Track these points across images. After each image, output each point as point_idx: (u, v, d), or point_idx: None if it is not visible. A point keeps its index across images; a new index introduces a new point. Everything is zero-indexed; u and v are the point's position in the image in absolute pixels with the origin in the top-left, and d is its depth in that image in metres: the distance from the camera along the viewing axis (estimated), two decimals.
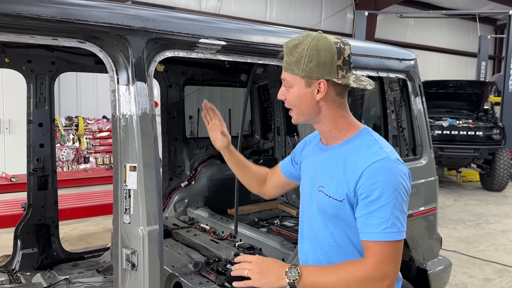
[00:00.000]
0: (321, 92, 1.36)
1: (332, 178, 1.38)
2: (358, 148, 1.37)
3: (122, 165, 1.76)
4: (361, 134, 1.42)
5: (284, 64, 1.39)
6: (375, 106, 6.96)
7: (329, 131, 1.44)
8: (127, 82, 1.75)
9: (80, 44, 1.70)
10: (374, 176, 1.28)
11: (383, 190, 1.26)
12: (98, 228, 6.09)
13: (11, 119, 8.31)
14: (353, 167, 1.33)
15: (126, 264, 1.75)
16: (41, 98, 3.11)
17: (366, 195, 1.28)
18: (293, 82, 1.38)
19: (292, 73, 1.37)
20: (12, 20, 1.51)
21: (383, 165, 1.29)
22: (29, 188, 3.17)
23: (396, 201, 1.27)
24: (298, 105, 1.40)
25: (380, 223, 1.26)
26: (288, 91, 1.41)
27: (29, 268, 3.02)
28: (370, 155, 1.32)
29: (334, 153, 1.42)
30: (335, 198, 1.36)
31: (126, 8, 1.81)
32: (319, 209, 1.43)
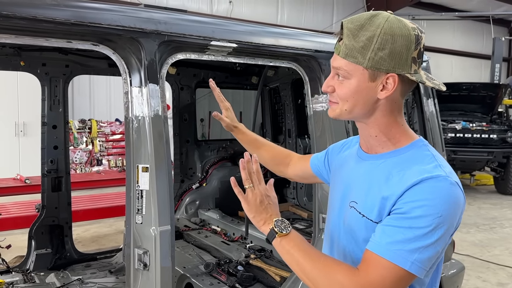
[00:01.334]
0: (387, 89, 1.10)
1: (368, 193, 1.13)
2: (409, 162, 1.11)
3: (135, 166, 1.77)
4: (415, 146, 1.15)
5: (343, 48, 1.10)
6: None
7: (376, 136, 1.17)
8: (140, 84, 1.77)
9: (94, 47, 1.73)
10: (421, 194, 1.01)
11: (426, 212, 1.00)
12: (111, 230, 6.15)
13: (26, 122, 8.45)
14: (398, 181, 1.07)
15: (138, 264, 1.77)
16: (55, 100, 3.16)
17: (403, 211, 1.02)
18: (352, 72, 1.10)
19: (354, 61, 1.08)
20: (28, 24, 1.54)
21: (437, 184, 1.02)
22: (43, 189, 3.22)
23: (433, 230, 1.00)
24: (352, 101, 1.12)
25: (399, 242, 1.00)
26: (340, 82, 1.13)
27: (43, 268, 3.07)
28: (423, 171, 1.06)
29: (377, 164, 1.17)
30: (370, 218, 1.10)
31: (139, 11, 1.84)
32: (347, 228, 1.19)
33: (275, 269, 2.53)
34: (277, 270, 2.51)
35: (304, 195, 3.96)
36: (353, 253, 1.16)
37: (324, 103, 2.25)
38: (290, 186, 4.12)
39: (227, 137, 10.28)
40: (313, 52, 2.23)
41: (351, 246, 1.17)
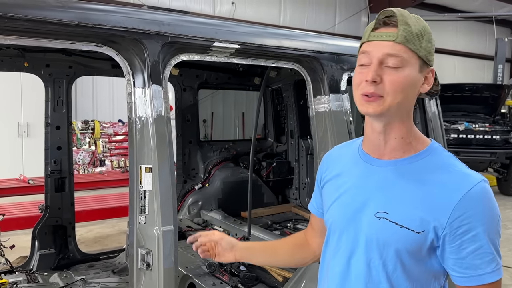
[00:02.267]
0: (428, 83, 1.10)
1: (403, 202, 1.07)
2: (438, 165, 1.09)
3: (138, 166, 1.79)
4: (433, 148, 1.13)
5: (402, 33, 1.04)
6: None
7: (401, 138, 1.11)
8: (143, 85, 1.79)
9: (98, 48, 1.74)
10: (476, 204, 1.02)
11: (489, 220, 1.02)
12: (113, 230, 6.17)
13: (29, 123, 8.48)
14: (442, 191, 1.04)
15: (141, 264, 1.78)
16: (58, 101, 3.18)
17: (467, 228, 1.01)
18: (409, 60, 1.05)
19: (412, 48, 1.04)
20: (32, 25, 1.55)
21: (484, 191, 1.05)
22: (46, 190, 3.24)
23: (498, 231, 1.05)
24: (405, 93, 1.05)
25: (491, 260, 1.02)
26: (391, 72, 1.05)
27: (46, 268, 3.08)
28: (462, 177, 1.06)
29: (403, 169, 1.10)
30: (411, 228, 1.04)
31: (142, 12, 1.85)
32: (375, 242, 1.09)
33: (277, 269, 2.53)
34: (279, 270, 2.51)
35: (307, 196, 3.97)
36: (382, 266, 1.09)
37: (326, 104, 2.26)
38: (293, 187, 4.13)
39: (229, 138, 10.25)
40: (315, 53, 2.24)
41: (379, 260, 1.09)
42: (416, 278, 1.08)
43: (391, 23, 1.06)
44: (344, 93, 2.31)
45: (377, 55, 1.05)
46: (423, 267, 1.08)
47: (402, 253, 1.06)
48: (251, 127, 10.51)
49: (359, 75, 1.09)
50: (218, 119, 9.86)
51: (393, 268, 1.08)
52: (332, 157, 1.32)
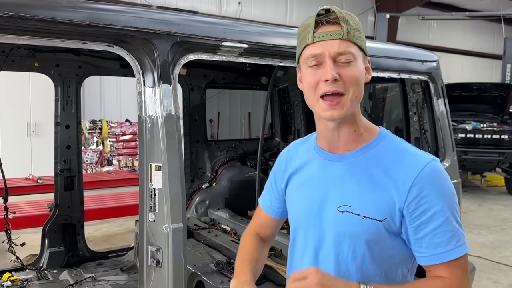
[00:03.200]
0: (369, 72, 1.14)
1: (363, 193, 1.09)
2: (390, 151, 1.12)
3: (148, 165, 1.81)
4: (383, 135, 1.17)
5: (346, 30, 1.07)
6: (397, 108, 6.91)
7: (354, 131, 1.14)
8: (153, 85, 1.81)
9: (108, 48, 1.76)
10: (429, 184, 1.04)
11: (444, 198, 1.04)
12: (121, 229, 6.21)
13: (38, 122, 8.56)
14: (396, 176, 1.07)
15: (151, 261, 1.80)
16: (68, 101, 3.21)
17: (424, 209, 1.04)
18: (357, 54, 1.08)
19: (357, 42, 1.08)
20: (45, 25, 1.58)
21: (435, 169, 1.07)
22: (56, 188, 3.27)
23: (456, 206, 1.07)
24: (360, 86, 1.09)
25: (451, 237, 1.04)
26: (345, 68, 1.07)
27: (56, 266, 3.11)
28: (413, 159, 1.08)
29: (358, 160, 1.13)
30: (374, 218, 1.07)
31: (152, 12, 1.87)
32: (343, 236, 1.12)
33: (285, 267, 2.54)
34: (286, 269, 2.52)
35: None
36: (351, 258, 1.12)
37: None
38: None
39: (236, 137, 10.27)
40: None
41: (348, 250, 1.11)
42: (384, 265, 1.11)
43: (332, 21, 1.08)
44: None
45: (329, 54, 1.06)
46: (390, 253, 1.11)
47: (369, 243, 1.09)
48: (257, 126, 10.53)
49: (313, 77, 1.09)
50: (224, 118, 9.90)
51: (362, 258, 1.11)
52: (289, 155, 1.32)
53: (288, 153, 1.34)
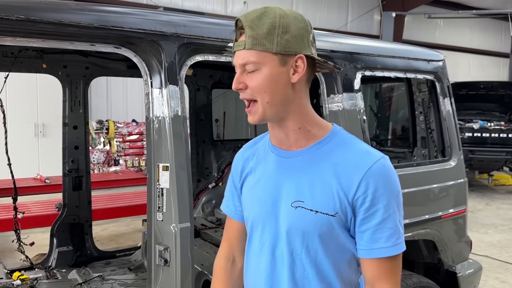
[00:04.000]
0: (298, 72, 1.11)
1: (314, 189, 1.12)
2: (342, 148, 1.14)
3: (155, 165, 1.83)
4: (335, 131, 1.18)
5: (248, 40, 1.08)
6: (403, 108, 6.89)
7: (299, 129, 1.15)
8: (160, 86, 1.83)
9: (116, 50, 1.78)
10: (377, 181, 1.08)
11: (389, 195, 1.08)
12: (128, 229, 6.25)
13: (45, 123, 8.62)
14: (346, 171, 1.10)
15: (159, 260, 1.82)
16: (76, 101, 3.24)
17: (370, 204, 1.08)
18: (263, 61, 1.08)
19: (263, 49, 1.08)
20: (54, 28, 1.60)
21: (384, 167, 1.10)
22: (64, 188, 3.31)
23: (400, 205, 1.12)
24: (270, 91, 1.10)
25: (391, 235, 1.08)
26: (251, 76, 1.10)
27: (64, 265, 3.15)
28: (363, 156, 1.11)
29: (311, 157, 1.15)
30: (325, 212, 1.10)
31: (159, 14, 1.89)
32: (296, 230, 1.13)
33: None
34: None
35: None
36: (305, 253, 1.13)
37: (340, 103, 2.28)
38: None
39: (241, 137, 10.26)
40: (328, 52, 2.26)
41: (302, 248, 1.13)
42: (337, 259, 1.14)
43: (242, 31, 1.11)
44: (358, 92, 2.32)
45: (237, 64, 1.12)
46: (343, 247, 1.14)
47: (322, 237, 1.11)
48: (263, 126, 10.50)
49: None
50: (230, 118, 9.92)
51: (315, 253, 1.13)
52: (246, 155, 1.31)
53: (243, 154, 1.33)
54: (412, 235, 2.56)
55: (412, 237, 2.57)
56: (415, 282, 2.54)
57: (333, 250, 1.13)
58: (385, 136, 7.19)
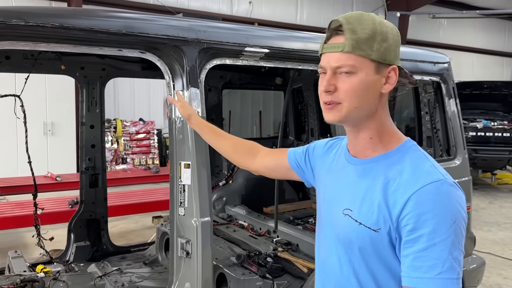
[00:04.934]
0: (390, 82, 1.10)
1: (364, 200, 1.10)
2: (403, 164, 1.09)
3: (178, 163, 1.94)
4: (405, 147, 1.13)
5: (348, 42, 1.06)
6: (407, 108, 6.98)
7: (370, 138, 1.14)
8: (182, 88, 1.94)
9: (141, 54, 1.89)
10: (426, 203, 0.99)
11: (439, 222, 0.97)
12: (137, 226, 6.37)
13: (54, 122, 8.75)
14: (397, 188, 1.05)
15: (181, 252, 1.93)
16: (92, 102, 3.35)
17: (413, 227, 0.99)
18: (360, 65, 1.07)
19: (362, 54, 1.06)
20: (85, 34, 1.71)
21: (440, 190, 1.00)
22: (81, 185, 3.42)
23: (455, 237, 0.98)
24: (360, 97, 1.08)
25: (434, 266, 0.96)
26: (344, 79, 1.08)
27: (82, 259, 3.26)
28: (421, 175, 1.04)
29: (369, 168, 1.13)
30: (368, 226, 1.07)
31: (182, 21, 2.00)
32: (341, 238, 1.14)
33: (302, 261, 2.66)
34: (304, 262, 2.64)
35: None
36: (346, 260, 1.14)
37: None
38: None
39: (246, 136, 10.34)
40: None
41: (346, 254, 1.14)
42: (380, 275, 1.09)
43: (339, 32, 1.09)
44: None
45: (330, 66, 1.10)
46: (387, 265, 1.08)
47: (362, 251, 1.09)
48: (268, 125, 10.59)
49: (320, 85, 1.14)
50: (235, 117, 10.03)
51: (358, 265, 1.11)
52: (332, 145, 1.35)
53: (331, 143, 1.37)
54: None
55: None
56: None
57: (376, 266, 1.09)
58: None
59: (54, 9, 1.70)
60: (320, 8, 13.37)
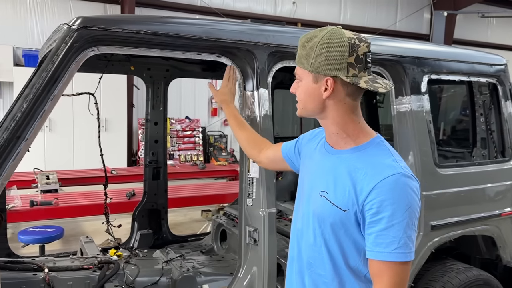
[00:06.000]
0: (327, 90, 1.31)
1: (337, 185, 1.33)
2: (369, 157, 1.30)
3: (247, 157, 2.11)
4: (373, 142, 1.34)
5: (296, 57, 1.38)
6: (454, 109, 6.89)
7: (337, 133, 1.37)
8: (252, 89, 2.10)
9: (217, 58, 2.07)
10: (387, 192, 1.22)
11: (396, 207, 1.21)
12: (185, 219, 6.66)
13: (107, 118, 9.21)
14: (364, 178, 1.26)
15: (249, 239, 2.10)
16: (157, 100, 3.60)
17: (376, 211, 1.22)
18: (302, 76, 1.36)
19: (302, 67, 1.34)
20: (171, 40, 1.91)
21: (398, 181, 1.23)
22: (145, 177, 3.68)
23: (410, 219, 1.22)
24: (304, 100, 1.38)
25: (391, 242, 1.21)
26: (298, 85, 1.39)
27: (145, 246, 3.51)
28: (383, 168, 1.25)
29: (342, 158, 1.36)
30: (339, 207, 1.30)
31: (252, 25, 2.17)
32: (316, 215, 1.38)
33: None
34: None
35: None
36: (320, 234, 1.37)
37: (408, 104, 2.47)
38: None
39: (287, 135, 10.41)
40: (398, 57, 2.45)
41: (319, 228, 1.37)
42: (345, 246, 1.33)
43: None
44: (425, 94, 2.50)
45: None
46: (350, 238, 1.32)
47: (333, 226, 1.33)
48: (309, 124, 10.68)
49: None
50: (277, 116, 10.13)
51: (329, 237, 1.34)
52: (314, 136, 1.60)
53: (316, 133, 1.62)
54: (473, 230, 2.71)
55: (472, 232, 2.72)
56: (475, 275, 2.69)
57: (343, 239, 1.32)
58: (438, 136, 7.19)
59: (146, 18, 1.91)
60: (364, 8, 13.28)
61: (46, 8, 9.84)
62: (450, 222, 2.60)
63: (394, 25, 13.47)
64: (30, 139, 1.70)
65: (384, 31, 12.50)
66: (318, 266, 1.39)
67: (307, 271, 1.43)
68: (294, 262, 1.50)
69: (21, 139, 1.67)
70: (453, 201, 2.64)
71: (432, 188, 2.50)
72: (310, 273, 1.42)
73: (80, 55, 1.75)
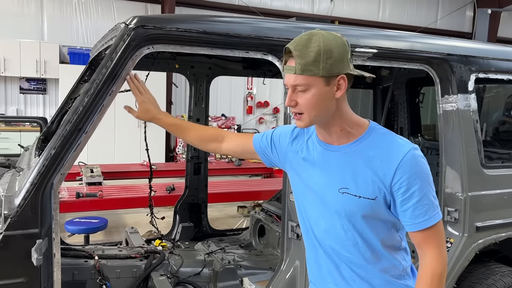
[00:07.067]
0: (341, 89, 1.33)
1: (357, 178, 1.37)
2: (377, 143, 1.37)
3: None
4: (372, 128, 1.41)
5: (298, 67, 1.30)
6: (497, 110, 6.68)
7: (340, 130, 1.40)
8: None
9: (264, 56, 2.11)
10: (409, 169, 1.31)
11: (421, 179, 1.32)
12: (221, 214, 6.78)
13: None
14: (382, 163, 1.33)
15: (291, 234, 2.14)
16: (199, 97, 3.69)
17: (406, 189, 1.32)
18: (311, 83, 1.31)
19: (310, 74, 1.29)
20: (221, 38, 1.97)
21: (413, 156, 1.33)
22: (186, 172, 3.79)
23: (430, 185, 1.35)
24: (316, 107, 1.34)
25: (427, 210, 1.33)
26: (301, 95, 1.33)
27: (186, 238, 3.63)
28: (396, 149, 1.34)
29: (351, 151, 1.40)
30: (367, 197, 1.36)
31: (297, 24, 2.20)
32: (343, 212, 1.41)
33: None
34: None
35: None
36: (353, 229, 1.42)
37: (454, 103, 2.43)
38: None
39: None
40: (445, 56, 2.42)
41: (349, 224, 1.41)
42: (379, 230, 1.41)
43: (291, 56, 1.33)
44: (472, 93, 2.46)
45: (290, 84, 1.34)
46: (383, 221, 1.40)
47: (366, 216, 1.38)
48: None
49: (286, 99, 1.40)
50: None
51: (361, 228, 1.40)
52: (295, 134, 1.58)
53: (293, 131, 1.60)
54: None
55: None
56: None
57: (375, 224, 1.40)
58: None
59: (197, 17, 1.97)
60: (404, 6, 13.01)
61: (90, 8, 10.22)
62: (495, 224, 2.54)
63: (435, 23, 13.12)
64: (90, 132, 1.80)
65: (424, 29, 12.20)
66: (356, 256, 1.44)
67: (344, 265, 1.47)
68: (321, 262, 1.53)
69: (82, 131, 1.78)
70: (499, 203, 2.58)
71: (478, 188, 2.46)
72: (348, 266, 1.46)
73: (136, 53, 1.84)
